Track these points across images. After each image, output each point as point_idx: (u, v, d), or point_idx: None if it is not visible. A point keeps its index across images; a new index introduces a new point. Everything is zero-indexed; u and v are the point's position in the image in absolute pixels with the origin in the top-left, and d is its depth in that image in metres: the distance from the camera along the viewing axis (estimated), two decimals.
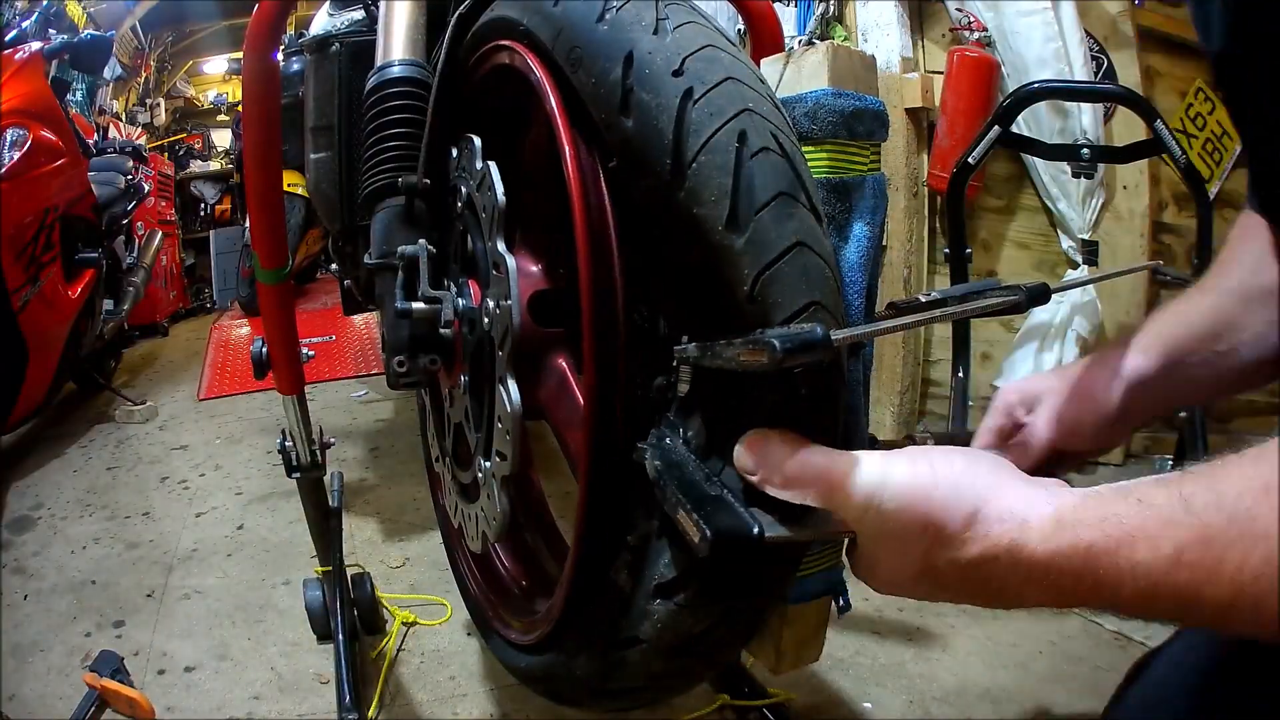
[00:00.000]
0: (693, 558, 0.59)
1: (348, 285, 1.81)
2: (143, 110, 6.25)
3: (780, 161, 0.57)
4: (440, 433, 1.00)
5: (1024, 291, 0.66)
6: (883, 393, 2.37)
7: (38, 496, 2.18)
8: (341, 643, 1.25)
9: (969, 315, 0.66)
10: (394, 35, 0.93)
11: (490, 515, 0.80)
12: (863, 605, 1.54)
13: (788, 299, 0.54)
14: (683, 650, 0.64)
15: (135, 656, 1.38)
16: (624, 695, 0.73)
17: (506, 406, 0.71)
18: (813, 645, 0.84)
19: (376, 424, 2.74)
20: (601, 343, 0.64)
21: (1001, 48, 2.19)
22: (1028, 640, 1.44)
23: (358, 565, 1.55)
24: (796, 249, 0.55)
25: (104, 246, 2.77)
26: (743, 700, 1.20)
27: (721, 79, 0.58)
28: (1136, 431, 2.34)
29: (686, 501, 0.51)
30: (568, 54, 0.65)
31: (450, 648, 1.41)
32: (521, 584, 1.04)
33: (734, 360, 0.50)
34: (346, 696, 1.16)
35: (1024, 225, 2.35)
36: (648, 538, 0.64)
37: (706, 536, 0.48)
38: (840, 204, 0.75)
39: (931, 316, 0.63)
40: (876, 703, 1.26)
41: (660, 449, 0.59)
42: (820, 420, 0.56)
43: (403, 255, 0.81)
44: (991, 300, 0.66)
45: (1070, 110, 2.12)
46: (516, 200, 0.77)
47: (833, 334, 0.48)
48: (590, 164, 0.66)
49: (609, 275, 0.64)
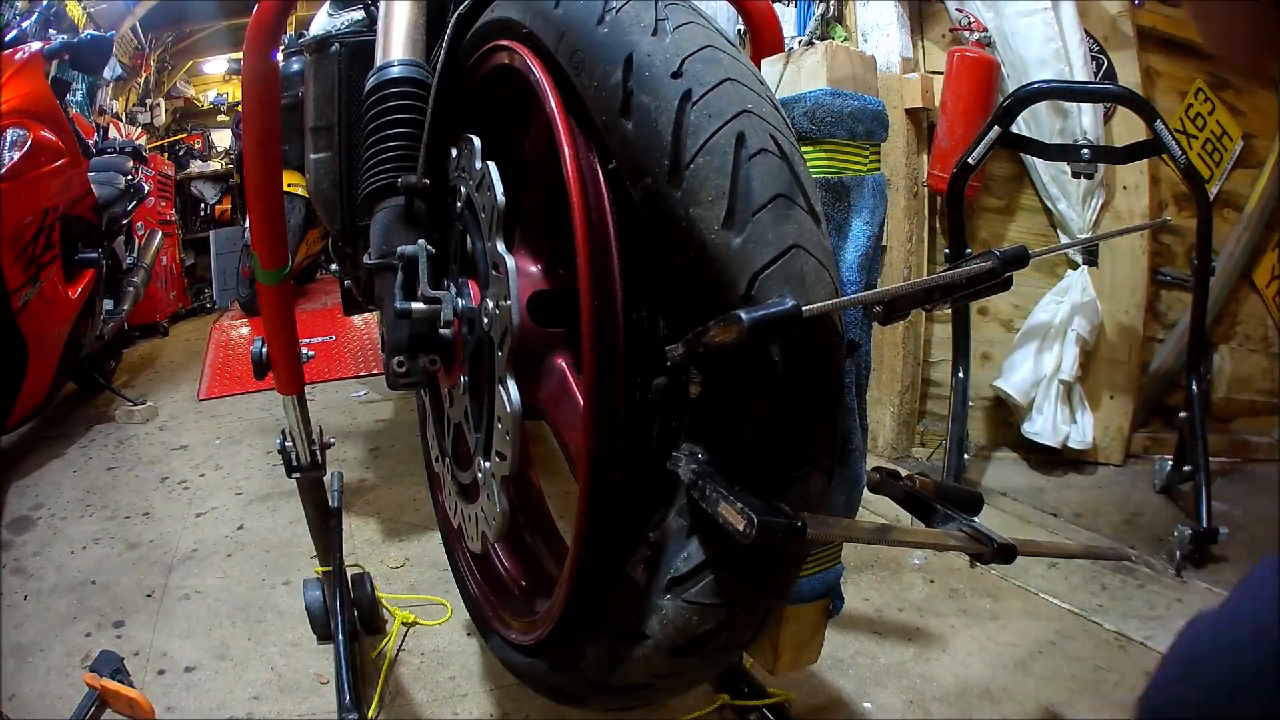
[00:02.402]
0: (710, 553, 0.60)
1: (348, 285, 1.81)
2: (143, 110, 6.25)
3: (778, 163, 0.57)
4: (440, 433, 1.00)
5: (998, 257, 0.67)
6: (883, 393, 2.37)
7: (38, 496, 2.18)
8: (341, 643, 1.25)
9: (944, 282, 0.66)
10: (394, 35, 0.93)
11: (490, 515, 0.80)
12: (862, 605, 1.54)
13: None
14: (688, 648, 0.64)
15: (135, 656, 1.38)
16: (626, 694, 0.73)
17: (506, 407, 0.71)
18: (812, 646, 0.84)
19: (376, 424, 2.74)
20: (601, 343, 0.64)
21: (1001, 48, 2.19)
22: (1028, 640, 1.44)
23: (358, 565, 1.55)
24: (793, 251, 0.55)
25: (104, 246, 2.77)
26: (742, 700, 1.20)
27: (720, 80, 0.58)
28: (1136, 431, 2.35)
29: (729, 495, 0.54)
30: (570, 57, 0.65)
31: (450, 648, 1.41)
32: (521, 584, 1.04)
33: (710, 342, 0.51)
34: (346, 696, 1.16)
35: (1024, 225, 2.35)
36: (664, 534, 0.64)
37: (753, 523, 0.50)
38: (839, 204, 0.75)
39: (910, 284, 0.63)
40: (876, 703, 1.26)
41: (692, 458, 0.61)
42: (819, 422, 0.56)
43: (402, 255, 0.81)
44: (967, 267, 0.66)
45: (1070, 110, 2.12)
46: (516, 200, 0.77)
47: (803, 306, 0.49)
48: (590, 164, 0.66)
49: (608, 275, 0.64)
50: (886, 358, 2.35)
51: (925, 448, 2.40)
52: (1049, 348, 2.21)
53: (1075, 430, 2.21)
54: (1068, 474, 2.28)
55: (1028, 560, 1.58)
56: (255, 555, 1.79)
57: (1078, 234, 2.21)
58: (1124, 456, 2.35)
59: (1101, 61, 2.23)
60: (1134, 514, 2.04)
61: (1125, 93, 1.88)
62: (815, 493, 0.59)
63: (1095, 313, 2.21)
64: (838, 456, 0.62)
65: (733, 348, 0.50)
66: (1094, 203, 2.21)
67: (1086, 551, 1.41)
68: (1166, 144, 1.73)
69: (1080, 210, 2.21)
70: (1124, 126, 2.19)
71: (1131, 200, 2.27)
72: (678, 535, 0.63)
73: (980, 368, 2.29)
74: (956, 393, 2.04)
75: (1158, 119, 1.74)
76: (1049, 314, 2.21)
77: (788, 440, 0.58)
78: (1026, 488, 2.18)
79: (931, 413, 2.45)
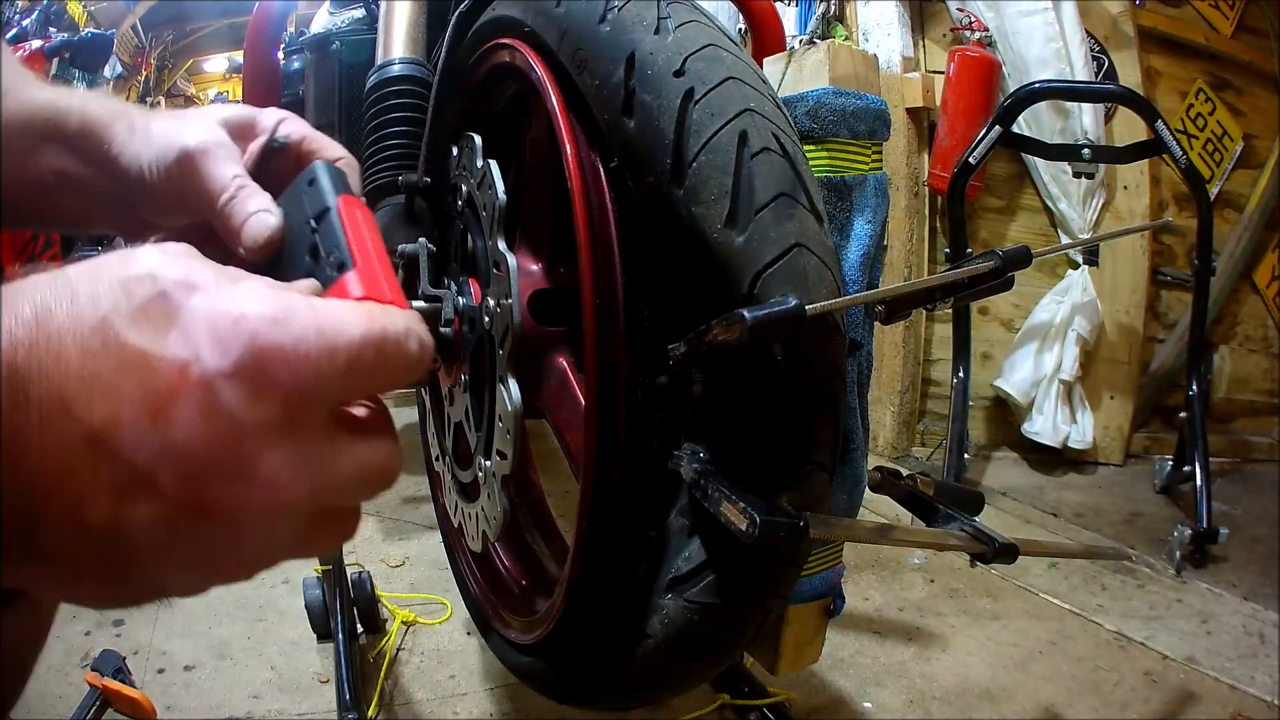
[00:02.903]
0: (711, 553, 0.60)
1: None
2: None
3: (781, 161, 0.57)
4: (440, 432, 1.00)
5: (1000, 257, 0.66)
6: (883, 392, 2.37)
7: None
8: (341, 642, 1.25)
9: (946, 281, 0.66)
10: (394, 34, 0.93)
11: (490, 514, 0.80)
12: (863, 605, 1.54)
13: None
14: (689, 648, 0.64)
15: (135, 655, 1.38)
16: (627, 693, 0.73)
17: (507, 405, 0.71)
18: (812, 646, 0.84)
19: None
20: (603, 341, 0.64)
21: (1002, 48, 2.19)
22: (1028, 640, 1.44)
23: (357, 564, 1.55)
24: (795, 250, 0.55)
25: (104, 244, 2.77)
26: (743, 700, 1.19)
27: (723, 79, 0.58)
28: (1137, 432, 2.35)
29: (731, 494, 0.53)
30: (572, 55, 0.65)
31: (450, 647, 1.41)
32: (521, 583, 1.03)
33: (712, 341, 0.51)
34: (346, 695, 1.16)
35: (1024, 225, 2.35)
36: (665, 534, 0.64)
37: (755, 522, 0.50)
38: (842, 203, 0.75)
39: (912, 283, 0.63)
40: (876, 703, 1.26)
41: (693, 457, 0.60)
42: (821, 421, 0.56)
43: (403, 253, 0.81)
44: (969, 267, 0.66)
45: (1071, 110, 2.12)
46: (517, 199, 0.77)
47: (806, 306, 0.49)
48: (591, 162, 0.66)
49: (610, 274, 0.64)
50: (887, 357, 2.35)
51: (925, 447, 2.40)
52: (1049, 347, 2.21)
53: (1075, 430, 2.21)
54: (1068, 474, 2.28)
55: (1028, 560, 1.58)
56: None
57: (1078, 234, 2.21)
58: (1124, 456, 2.35)
59: (1102, 61, 2.23)
60: (1134, 514, 2.04)
61: (1126, 93, 1.88)
62: (817, 492, 0.59)
63: (1096, 313, 2.21)
64: (840, 456, 0.62)
65: (735, 347, 0.50)
66: (1095, 203, 2.22)
67: (1086, 551, 1.41)
68: (1167, 144, 1.73)
69: (1081, 210, 2.21)
70: (1125, 126, 2.19)
71: (1132, 200, 2.27)
72: (679, 534, 0.63)
73: (980, 367, 2.29)
74: (957, 392, 2.04)
75: (1158, 119, 1.74)
76: (1049, 314, 2.21)
77: (790, 439, 0.58)
78: (1027, 488, 2.18)
79: (932, 412, 2.45)
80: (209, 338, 0.24)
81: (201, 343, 0.24)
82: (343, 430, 0.28)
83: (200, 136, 0.42)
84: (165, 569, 0.26)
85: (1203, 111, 2.39)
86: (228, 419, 0.24)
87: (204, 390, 0.24)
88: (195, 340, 0.24)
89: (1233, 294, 2.47)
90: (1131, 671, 1.34)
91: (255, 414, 0.25)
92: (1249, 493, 2.18)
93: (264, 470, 0.25)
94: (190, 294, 0.25)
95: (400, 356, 0.28)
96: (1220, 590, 1.63)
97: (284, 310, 0.26)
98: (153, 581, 0.27)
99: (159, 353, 0.24)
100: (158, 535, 0.25)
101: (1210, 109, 2.39)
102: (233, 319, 0.25)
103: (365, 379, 0.27)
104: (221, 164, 0.41)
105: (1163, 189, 2.34)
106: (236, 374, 0.24)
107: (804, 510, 0.54)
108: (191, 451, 0.24)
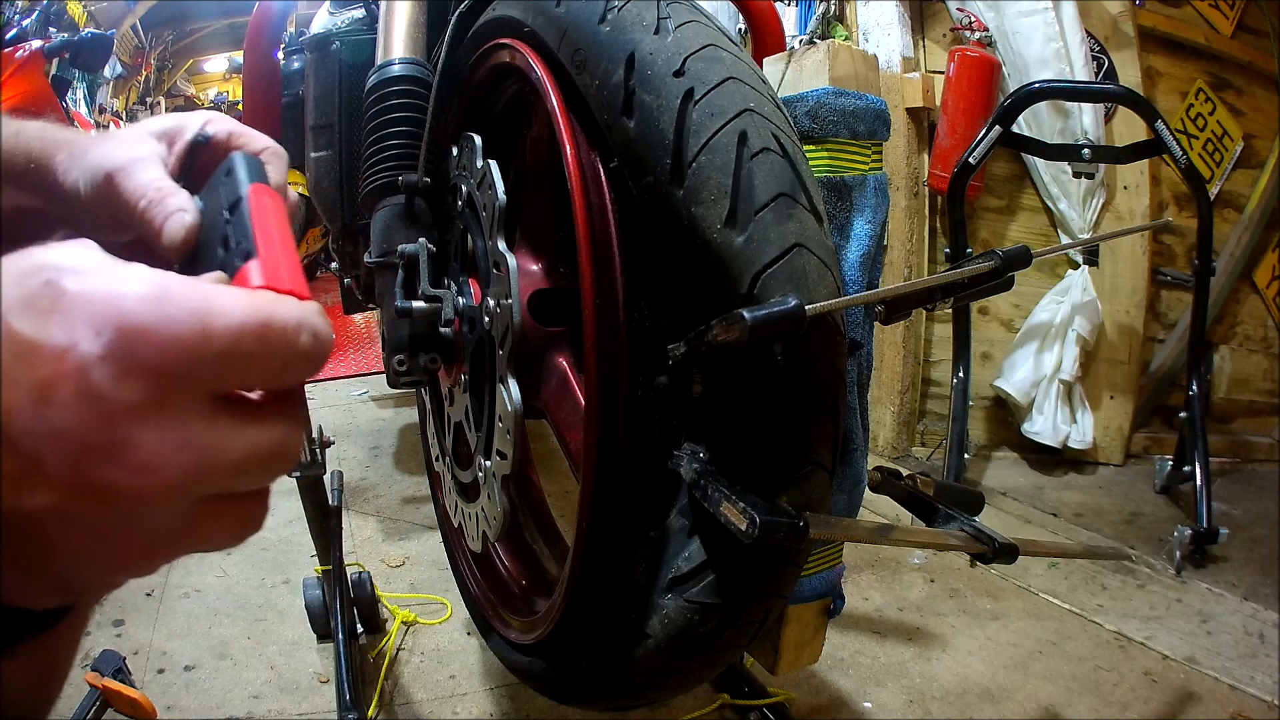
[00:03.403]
0: (711, 552, 0.60)
1: (348, 284, 1.81)
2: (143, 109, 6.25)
3: (781, 162, 0.57)
4: (440, 432, 1.00)
5: (1000, 257, 0.66)
6: (883, 392, 2.37)
7: None
8: (341, 642, 1.25)
9: (946, 281, 0.66)
10: (394, 34, 0.93)
11: (490, 515, 0.80)
12: (863, 605, 1.54)
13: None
14: (689, 647, 0.64)
15: (135, 655, 1.38)
16: (627, 693, 0.73)
17: (507, 405, 0.71)
18: (812, 646, 0.84)
19: (376, 423, 2.74)
20: (602, 341, 0.64)
21: (1002, 47, 2.19)
22: (1028, 640, 1.44)
23: (358, 564, 1.55)
24: (795, 250, 0.55)
25: None
26: (743, 700, 1.19)
27: (723, 79, 0.58)
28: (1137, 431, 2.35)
29: (731, 494, 0.54)
30: (572, 55, 0.65)
31: (450, 647, 1.41)
32: (521, 583, 1.03)
33: (712, 341, 0.51)
34: (346, 695, 1.16)
35: (1024, 225, 2.35)
36: (665, 534, 0.64)
37: (755, 522, 0.50)
38: (841, 203, 0.75)
39: (912, 283, 0.63)
40: (876, 703, 1.26)
41: (693, 457, 0.61)
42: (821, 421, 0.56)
43: (403, 254, 0.81)
44: (969, 267, 0.66)
45: (1071, 110, 2.12)
46: (517, 199, 0.77)
47: (806, 306, 0.49)
48: (591, 162, 0.66)
49: (610, 274, 0.64)
50: (887, 357, 2.35)
51: (925, 447, 2.40)
52: (1049, 347, 2.21)
53: (1075, 430, 2.21)
54: (1068, 474, 2.28)
55: (1028, 560, 1.58)
56: (255, 554, 1.79)
57: (1078, 234, 2.21)
58: (1124, 456, 2.35)
59: (1102, 61, 2.23)
60: (1134, 514, 2.04)
61: (1126, 93, 1.88)
62: (817, 492, 0.59)
63: (1095, 313, 2.21)
64: (840, 456, 0.62)
65: (735, 347, 0.50)
66: (1095, 202, 2.21)
67: (1086, 551, 1.41)
68: (1167, 144, 1.73)
69: (1081, 210, 2.21)
70: (1125, 126, 2.19)
71: (1132, 200, 2.27)
72: (679, 534, 0.63)
73: (980, 367, 2.29)
74: (957, 392, 2.04)
75: (1158, 119, 1.74)
76: (1049, 314, 2.21)
77: (790, 439, 0.58)
78: (1026, 488, 2.18)
79: (931, 412, 2.45)
80: (86, 321, 0.25)
81: (79, 327, 0.25)
82: (226, 413, 0.27)
83: (122, 153, 0.42)
84: (71, 558, 0.27)
85: (1203, 111, 2.39)
86: (99, 400, 0.24)
87: (79, 373, 0.24)
88: (74, 325, 0.25)
89: (1233, 294, 2.47)
90: (1131, 671, 1.34)
91: (124, 394, 0.25)
92: (1249, 493, 2.18)
93: (137, 451, 0.25)
94: (74, 280, 0.25)
95: (287, 346, 0.27)
96: (1220, 590, 1.63)
97: (159, 290, 0.26)
98: (65, 572, 0.28)
99: (43, 340, 0.24)
100: (57, 523, 0.26)
101: (1210, 109, 2.39)
102: (108, 300, 0.25)
103: (246, 365, 0.27)
104: (140, 173, 0.41)
105: (1163, 189, 2.34)
106: (107, 355, 0.24)
107: (804, 510, 0.54)
108: (69, 435, 0.24)
